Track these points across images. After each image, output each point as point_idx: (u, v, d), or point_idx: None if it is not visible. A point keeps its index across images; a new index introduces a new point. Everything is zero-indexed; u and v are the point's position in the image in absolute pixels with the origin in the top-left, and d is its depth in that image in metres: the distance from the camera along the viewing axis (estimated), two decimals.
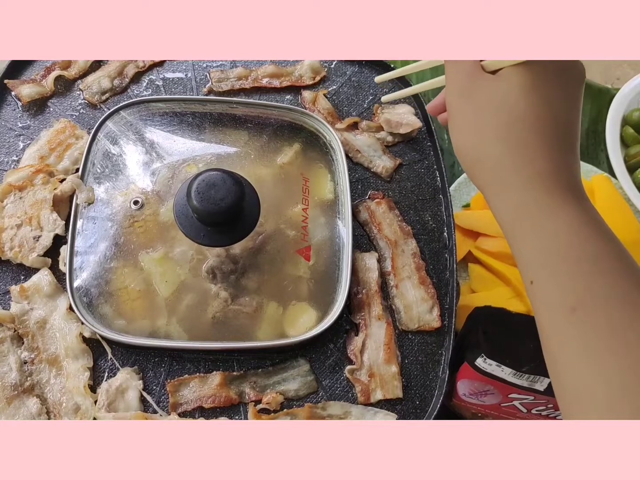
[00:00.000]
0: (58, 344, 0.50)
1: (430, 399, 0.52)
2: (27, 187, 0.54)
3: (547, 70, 0.37)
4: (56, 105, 0.61)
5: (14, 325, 0.50)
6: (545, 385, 0.50)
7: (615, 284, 0.30)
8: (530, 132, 0.36)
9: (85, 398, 0.48)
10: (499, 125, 0.36)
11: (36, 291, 0.51)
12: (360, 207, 0.58)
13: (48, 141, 0.58)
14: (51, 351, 0.50)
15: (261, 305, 0.51)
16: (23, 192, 0.54)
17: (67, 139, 0.58)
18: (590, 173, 0.79)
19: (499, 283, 0.71)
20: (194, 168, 0.54)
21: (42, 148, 0.58)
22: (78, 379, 0.48)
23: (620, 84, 0.86)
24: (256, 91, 0.64)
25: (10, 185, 0.54)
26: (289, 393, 0.50)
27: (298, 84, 0.64)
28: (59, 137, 0.58)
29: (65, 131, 0.58)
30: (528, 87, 0.36)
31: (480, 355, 0.50)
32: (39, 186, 0.54)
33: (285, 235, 0.53)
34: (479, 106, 0.38)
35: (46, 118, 0.60)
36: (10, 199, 0.54)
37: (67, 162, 0.57)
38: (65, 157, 0.57)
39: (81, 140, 0.58)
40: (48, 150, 0.57)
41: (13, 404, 0.47)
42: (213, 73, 0.64)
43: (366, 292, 0.54)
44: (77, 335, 0.50)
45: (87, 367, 0.49)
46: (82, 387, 0.48)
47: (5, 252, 0.52)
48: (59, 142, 0.57)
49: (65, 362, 0.49)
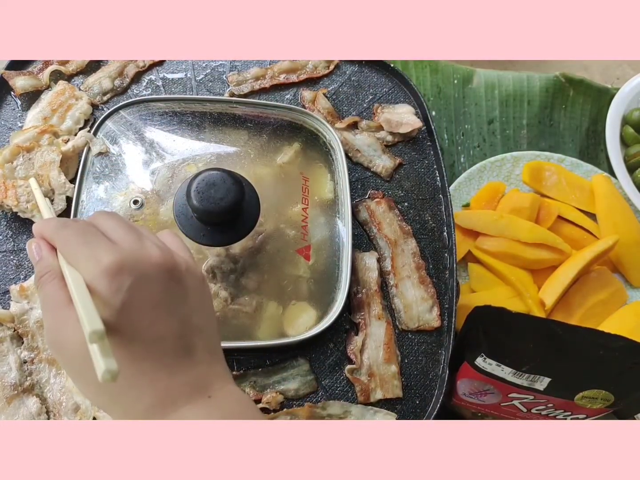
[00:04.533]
0: None
1: (430, 399, 0.52)
2: (35, 148, 0.55)
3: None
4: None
5: (14, 325, 0.50)
6: (545, 384, 0.50)
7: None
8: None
9: (85, 397, 0.48)
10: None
11: (36, 290, 0.51)
12: (360, 206, 0.58)
13: (49, 103, 0.59)
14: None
15: (261, 304, 0.51)
16: (31, 153, 0.55)
17: (67, 100, 0.59)
18: (591, 173, 0.79)
19: (498, 283, 0.71)
20: (194, 167, 0.54)
21: (44, 110, 0.59)
22: None
23: (620, 84, 0.86)
24: (276, 89, 0.64)
25: (18, 147, 0.55)
26: (288, 392, 0.50)
27: (315, 76, 0.65)
28: (60, 99, 0.59)
29: (64, 92, 0.60)
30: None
31: (480, 355, 0.50)
32: (46, 147, 0.55)
33: (285, 234, 0.53)
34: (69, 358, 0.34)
35: None
36: (19, 161, 0.55)
37: (69, 123, 0.58)
38: (68, 117, 0.59)
39: (81, 100, 0.60)
40: (50, 111, 0.59)
41: (13, 404, 0.47)
42: (230, 77, 0.64)
43: (366, 292, 0.54)
44: None
45: None
46: None
47: (21, 204, 0.52)
48: (59, 104, 0.59)
49: None
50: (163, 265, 0.34)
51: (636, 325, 0.67)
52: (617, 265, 0.74)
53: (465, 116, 0.85)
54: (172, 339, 0.34)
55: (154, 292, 0.34)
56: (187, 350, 0.35)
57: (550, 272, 0.71)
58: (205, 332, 0.36)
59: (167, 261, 0.35)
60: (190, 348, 0.35)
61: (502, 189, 0.76)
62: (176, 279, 0.35)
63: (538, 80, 0.87)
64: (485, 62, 0.91)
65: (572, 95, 0.87)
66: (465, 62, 0.89)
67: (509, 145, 0.84)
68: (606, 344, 0.47)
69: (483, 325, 0.49)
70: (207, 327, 0.37)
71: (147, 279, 0.33)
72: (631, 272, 0.73)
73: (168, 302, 0.34)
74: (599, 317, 0.70)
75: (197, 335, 0.36)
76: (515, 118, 0.85)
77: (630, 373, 0.48)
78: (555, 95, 0.86)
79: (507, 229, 0.70)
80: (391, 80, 0.66)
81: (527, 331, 0.49)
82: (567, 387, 0.50)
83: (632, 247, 0.73)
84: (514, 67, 0.93)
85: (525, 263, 0.71)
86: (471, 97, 0.86)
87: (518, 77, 0.87)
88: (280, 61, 0.65)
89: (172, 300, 0.35)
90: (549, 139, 0.85)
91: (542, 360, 0.48)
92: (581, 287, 0.71)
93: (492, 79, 0.87)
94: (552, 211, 0.75)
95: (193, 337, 0.35)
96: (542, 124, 0.85)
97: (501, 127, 0.85)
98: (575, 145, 0.85)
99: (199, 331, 0.36)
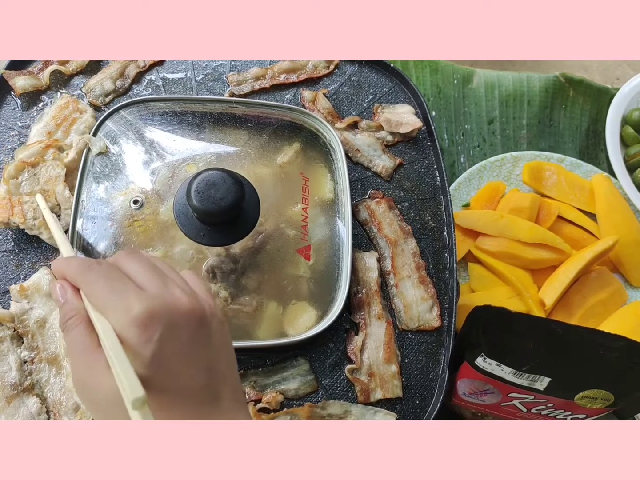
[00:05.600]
0: (58, 343, 0.50)
1: (430, 399, 0.52)
2: (39, 163, 0.55)
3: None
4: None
5: (14, 325, 0.50)
6: (545, 384, 0.50)
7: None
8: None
9: None
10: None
11: (36, 290, 0.51)
12: (360, 206, 0.59)
13: (53, 117, 0.59)
14: (51, 350, 0.50)
15: (261, 304, 0.51)
16: (36, 168, 0.55)
17: (71, 113, 0.59)
18: (590, 173, 0.79)
19: (498, 283, 0.71)
20: (194, 167, 0.54)
21: (49, 124, 0.58)
22: None
23: (620, 84, 0.86)
24: (276, 89, 0.64)
25: (23, 162, 0.55)
26: (288, 392, 0.50)
27: (315, 76, 0.65)
28: (64, 112, 0.59)
29: (68, 106, 0.59)
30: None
31: (480, 355, 0.50)
32: (51, 162, 0.55)
33: (285, 234, 0.53)
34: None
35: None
36: (25, 176, 0.54)
37: (74, 137, 0.58)
38: (72, 131, 0.58)
39: (85, 113, 0.59)
40: (54, 125, 0.58)
41: (13, 404, 0.47)
42: (230, 77, 0.64)
43: (366, 292, 0.54)
44: None
45: None
46: None
47: (28, 221, 0.52)
48: (64, 117, 0.59)
49: (65, 362, 0.49)
50: (191, 313, 0.34)
51: (636, 325, 0.67)
52: (617, 265, 0.74)
53: (465, 116, 0.85)
54: (199, 388, 0.34)
55: (183, 341, 0.33)
56: (213, 399, 0.34)
57: (550, 272, 0.71)
58: (229, 378, 0.36)
59: (195, 308, 0.34)
60: (216, 397, 0.35)
61: (502, 189, 0.76)
62: (203, 326, 0.35)
63: (538, 80, 0.87)
64: (485, 62, 0.91)
65: (572, 95, 0.87)
66: (465, 62, 0.89)
67: (509, 145, 0.84)
68: (606, 344, 0.47)
69: (483, 325, 0.49)
70: (230, 373, 0.37)
71: (176, 328, 0.33)
72: (631, 272, 0.73)
73: (195, 350, 0.34)
74: (599, 317, 0.70)
75: (222, 383, 0.35)
76: (515, 118, 0.86)
77: (630, 373, 0.48)
78: (555, 95, 0.86)
79: (507, 229, 0.71)
80: (391, 80, 0.66)
81: (527, 331, 0.49)
82: (567, 387, 0.50)
83: (632, 247, 0.73)
84: (514, 67, 0.93)
85: (525, 263, 0.71)
86: (471, 97, 0.86)
87: (518, 77, 0.87)
88: (280, 61, 0.65)
89: (199, 347, 0.34)
90: (549, 139, 0.85)
91: (542, 360, 0.48)
92: (581, 287, 0.71)
93: (492, 79, 0.87)
94: (552, 211, 0.75)
95: (219, 385, 0.35)
96: (542, 124, 0.85)
97: (501, 127, 0.85)
98: (575, 145, 0.85)
99: (223, 378, 0.35)
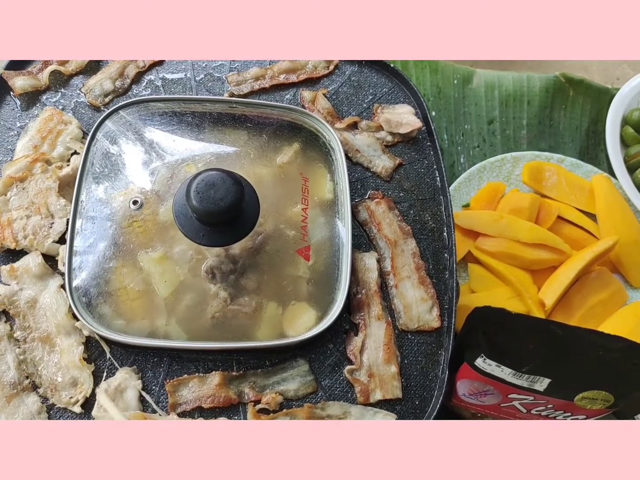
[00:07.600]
0: (49, 322, 0.50)
1: (429, 399, 0.52)
2: (28, 178, 0.55)
3: None
4: (52, 103, 0.61)
5: (5, 306, 0.51)
6: (545, 385, 0.50)
7: None
8: None
9: (82, 370, 0.48)
10: None
11: (25, 272, 0.51)
12: (360, 207, 0.58)
13: (38, 130, 0.58)
14: (42, 329, 0.50)
15: (260, 305, 0.51)
16: (24, 182, 0.54)
17: (56, 125, 0.58)
18: (591, 173, 0.79)
19: (498, 283, 0.71)
20: (193, 168, 0.54)
21: (34, 138, 0.58)
22: (72, 353, 0.49)
23: (620, 84, 0.86)
24: (276, 89, 0.64)
25: (10, 178, 0.54)
26: (288, 393, 0.50)
27: (315, 76, 0.65)
28: (48, 125, 0.58)
29: (52, 119, 0.59)
30: None
31: (480, 356, 0.50)
32: (39, 175, 0.55)
33: (285, 235, 0.53)
34: None
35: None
36: (13, 191, 0.54)
37: (60, 149, 0.58)
38: (58, 143, 0.58)
39: (70, 125, 0.58)
40: (40, 139, 0.58)
41: (12, 403, 0.47)
42: (230, 77, 0.64)
43: (366, 292, 0.54)
44: (66, 312, 0.50)
45: (81, 341, 0.49)
46: (78, 360, 0.48)
47: (20, 242, 0.52)
48: (49, 130, 0.58)
49: (58, 339, 0.50)
50: None
51: (636, 326, 0.67)
52: (617, 265, 0.74)
53: (465, 116, 0.85)
54: None
55: None
56: None
57: (550, 273, 0.71)
58: None
59: None
60: None
61: (502, 189, 0.76)
62: None
63: (538, 80, 0.87)
64: (485, 62, 0.91)
65: (572, 95, 0.87)
66: (465, 62, 0.89)
67: (509, 145, 0.84)
68: (606, 344, 0.47)
69: (483, 326, 0.49)
70: None
71: None
72: (631, 273, 0.73)
73: None
74: (599, 317, 0.70)
75: None
76: (515, 118, 0.86)
77: (630, 374, 0.48)
78: (555, 95, 0.86)
79: (507, 229, 0.71)
80: (391, 80, 0.66)
81: (527, 332, 0.49)
82: (567, 387, 0.50)
83: (632, 247, 0.73)
84: (514, 67, 0.93)
85: (525, 263, 0.71)
86: (471, 97, 0.86)
87: (518, 78, 0.87)
88: (280, 61, 0.65)
89: None
90: (549, 139, 0.85)
91: (542, 361, 0.48)
92: (581, 287, 0.71)
93: (492, 79, 0.87)
94: (552, 211, 0.75)
95: None
96: (542, 124, 0.85)
97: (501, 127, 0.85)
98: (575, 145, 0.85)
99: None
